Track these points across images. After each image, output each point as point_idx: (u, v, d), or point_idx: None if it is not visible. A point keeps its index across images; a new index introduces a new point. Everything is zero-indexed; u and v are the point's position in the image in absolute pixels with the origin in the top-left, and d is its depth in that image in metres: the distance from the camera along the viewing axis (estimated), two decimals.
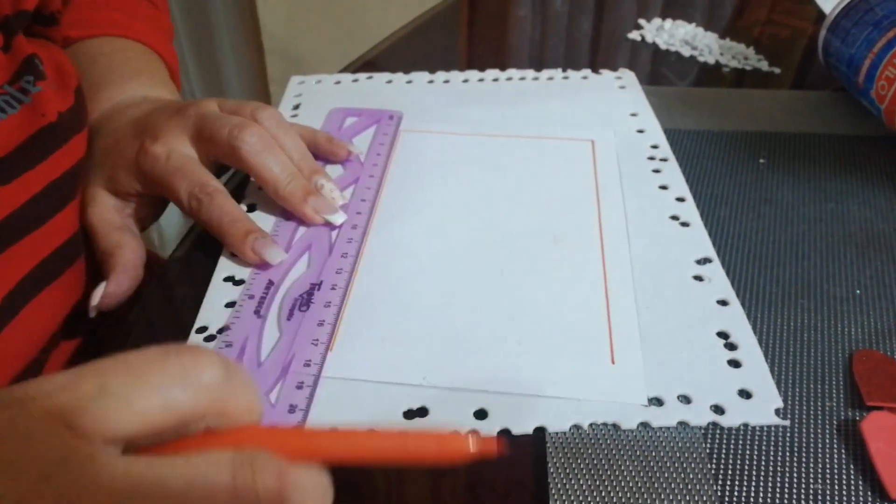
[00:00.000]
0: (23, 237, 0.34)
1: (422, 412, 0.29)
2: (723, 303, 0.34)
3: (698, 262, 0.36)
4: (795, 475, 0.27)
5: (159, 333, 0.35)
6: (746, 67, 0.58)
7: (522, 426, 0.28)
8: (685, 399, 0.29)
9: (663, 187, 0.42)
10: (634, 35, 0.64)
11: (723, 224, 0.40)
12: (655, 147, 0.45)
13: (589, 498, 0.26)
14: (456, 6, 0.73)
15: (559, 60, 0.61)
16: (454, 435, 0.20)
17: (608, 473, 0.27)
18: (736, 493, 0.26)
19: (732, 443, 0.28)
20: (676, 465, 0.27)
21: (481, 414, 0.29)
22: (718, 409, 0.29)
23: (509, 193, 0.42)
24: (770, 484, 0.27)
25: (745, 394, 0.30)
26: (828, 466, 0.27)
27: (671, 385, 0.30)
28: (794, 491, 0.27)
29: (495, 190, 0.42)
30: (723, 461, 0.28)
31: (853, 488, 0.27)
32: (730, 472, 0.27)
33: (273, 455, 0.18)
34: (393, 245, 0.38)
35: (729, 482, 0.27)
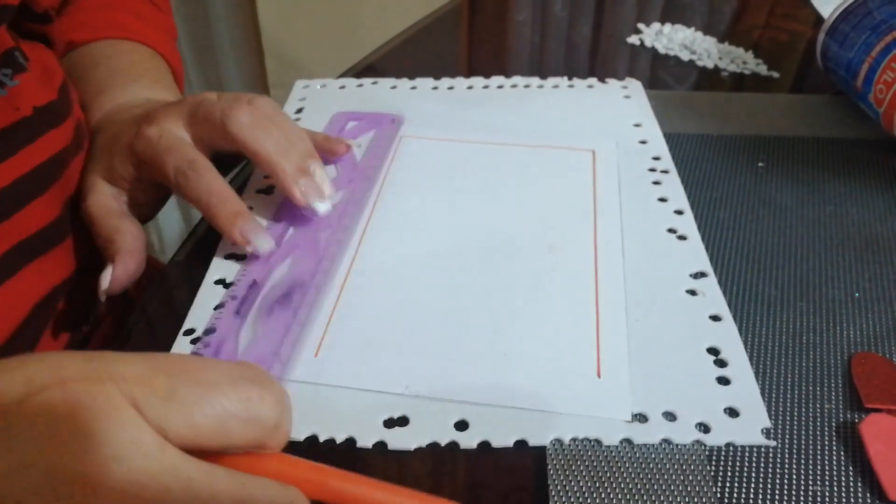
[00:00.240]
0: None
1: (402, 421, 0.29)
2: (715, 318, 0.33)
3: (693, 276, 0.36)
4: (794, 477, 0.27)
5: (158, 336, 0.35)
6: (745, 71, 0.59)
7: (503, 439, 0.28)
8: (671, 416, 0.29)
9: (662, 199, 0.41)
10: (634, 39, 0.64)
11: (722, 227, 0.40)
12: (657, 159, 0.45)
13: (588, 499, 0.26)
14: (456, 10, 0.74)
15: (559, 64, 0.61)
16: None
17: (608, 474, 0.27)
18: (735, 495, 0.26)
19: (732, 444, 0.28)
20: (676, 467, 0.27)
21: (462, 425, 0.29)
22: (704, 427, 0.28)
23: (506, 202, 0.41)
24: (769, 485, 0.27)
25: (733, 412, 0.29)
26: (827, 468, 0.27)
27: (657, 401, 0.29)
28: (794, 492, 0.27)
29: (492, 198, 0.42)
30: (722, 463, 0.28)
31: (852, 490, 0.27)
32: (729, 474, 0.27)
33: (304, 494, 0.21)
34: (384, 251, 0.38)
35: (728, 484, 0.27)
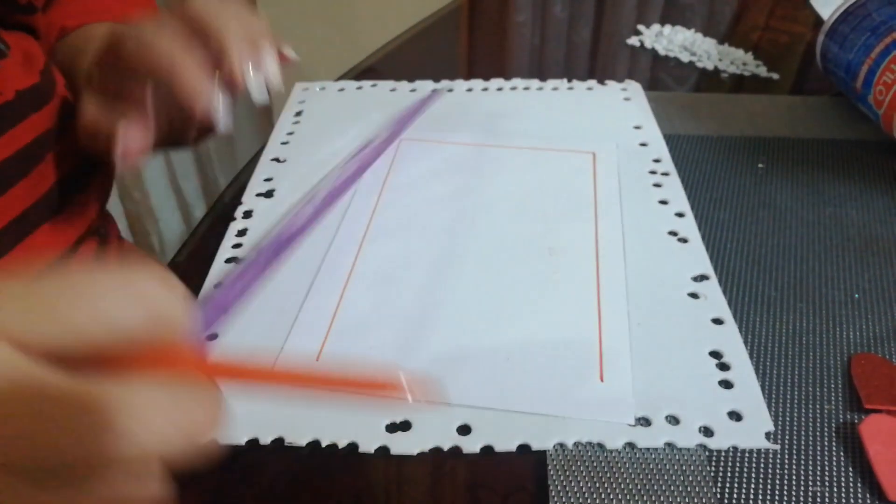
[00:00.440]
0: None
1: (405, 426, 0.29)
2: (718, 321, 0.33)
3: (695, 279, 0.36)
4: (794, 477, 0.27)
5: None
6: (745, 73, 0.59)
7: (506, 443, 0.28)
8: (673, 419, 0.29)
9: (663, 202, 0.41)
10: (634, 41, 0.64)
11: (722, 228, 0.40)
12: (658, 161, 0.45)
13: (588, 499, 0.26)
14: (456, 12, 0.74)
15: (559, 66, 0.61)
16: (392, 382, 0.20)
17: (608, 475, 0.27)
18: (735, 495, 0.27)
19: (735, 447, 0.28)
20: (676, 467, 0.27)
21: (465, 429, 0.29)
22: (707, 431, 0.28)
23: (507, 204, 0.41)
24: (769, 486, 0.27)
25: (736, 415, 0.29)
26: (827, 469, 0.28)
27: (660, 404, 0.29)
28: (794, 493, 0.27)
29: (493, 201, 0.42)
30: (722, 463, 0.28)
31: (852, 490, 0.27)
32: (729, 475, 0.27)
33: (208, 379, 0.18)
34: (385, 255, 0.38)
35: (728, 484, 0.27)
